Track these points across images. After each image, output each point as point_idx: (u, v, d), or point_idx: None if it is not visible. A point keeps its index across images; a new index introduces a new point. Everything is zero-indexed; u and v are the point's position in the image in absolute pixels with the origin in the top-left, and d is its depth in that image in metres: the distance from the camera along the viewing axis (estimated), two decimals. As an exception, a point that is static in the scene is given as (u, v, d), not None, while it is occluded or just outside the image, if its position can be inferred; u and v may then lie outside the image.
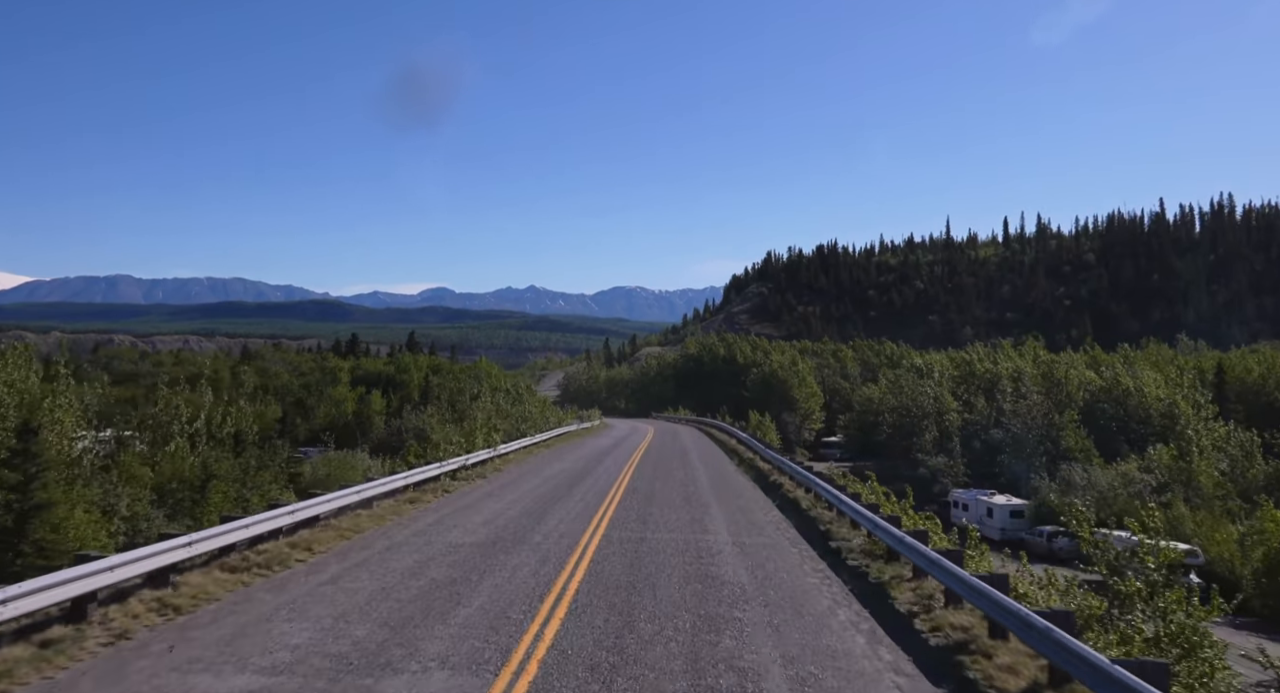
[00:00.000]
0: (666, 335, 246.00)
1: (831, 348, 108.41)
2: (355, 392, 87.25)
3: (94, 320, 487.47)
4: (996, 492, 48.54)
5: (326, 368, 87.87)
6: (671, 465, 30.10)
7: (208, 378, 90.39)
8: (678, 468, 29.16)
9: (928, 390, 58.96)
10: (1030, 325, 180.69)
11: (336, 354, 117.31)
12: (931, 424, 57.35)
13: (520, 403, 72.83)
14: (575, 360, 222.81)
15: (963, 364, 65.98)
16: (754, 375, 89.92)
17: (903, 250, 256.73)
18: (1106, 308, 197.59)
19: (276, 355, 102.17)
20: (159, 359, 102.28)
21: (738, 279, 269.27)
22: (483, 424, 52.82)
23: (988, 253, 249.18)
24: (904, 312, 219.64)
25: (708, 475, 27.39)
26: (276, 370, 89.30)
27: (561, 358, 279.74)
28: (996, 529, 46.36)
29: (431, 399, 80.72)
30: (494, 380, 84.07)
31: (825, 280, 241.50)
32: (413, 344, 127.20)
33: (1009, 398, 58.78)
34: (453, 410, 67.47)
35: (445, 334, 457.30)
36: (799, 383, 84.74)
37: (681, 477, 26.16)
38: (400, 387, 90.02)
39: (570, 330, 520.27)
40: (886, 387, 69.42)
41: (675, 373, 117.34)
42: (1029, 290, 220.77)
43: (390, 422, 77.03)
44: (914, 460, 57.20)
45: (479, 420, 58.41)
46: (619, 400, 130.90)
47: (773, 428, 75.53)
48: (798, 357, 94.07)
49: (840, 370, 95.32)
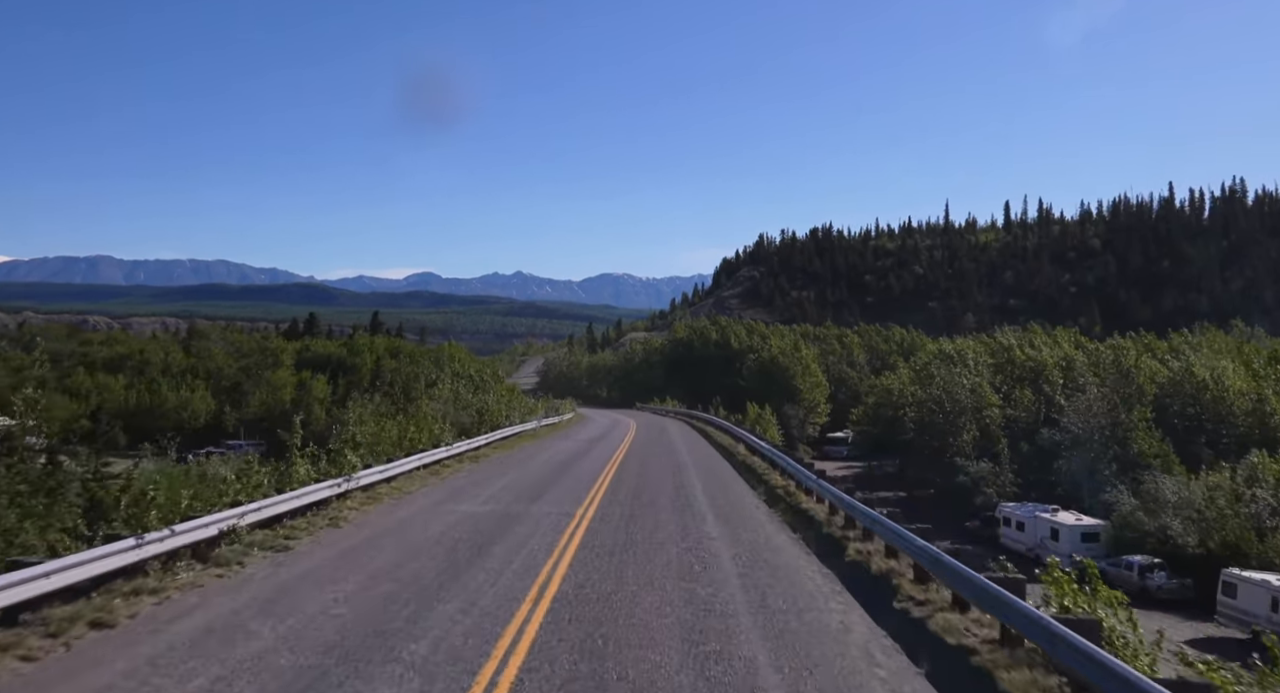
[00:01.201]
0: (654, 321, 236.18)
1: (836, 333, 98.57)
2: (298, 376, 76.97)
3: (73, 301, 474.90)
4: (1060, 508, 38.94)
5: (268, 349, 77.50)
6: (661, 508, 16.34)
7: (135, 360, 79.86)
8: (673, 517, 15.28)
9: (963, 382, 49.31)
10: (1035, 312, 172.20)
11: (289, 336, 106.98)
12: (970, 422, 47.70)
13: (483, 392, 62.59)
14: (557, 346, 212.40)
15: (999, 351, 56.38)
16: (751, 362, 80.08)
17: (900, 234, 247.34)
18: (1115, 295, 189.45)
19: (221, 335, 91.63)
20: (87, 338, 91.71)
21: (728, 262, 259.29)
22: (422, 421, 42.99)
23: (988, 238, 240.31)
24: (903, 297, 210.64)
25: (731, 540, 13.63)
26: (212, 351, 78.92)
27: (544, 343, 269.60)
28: (1064, 556, 36.82)
29: (382, 386, 70.73)
30: (457, 365, 74.08)
31: (820, 264, 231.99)
32: (375, 325, 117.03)
33: (1059, 391, 49.23)
34: (406, 399, 57.57)
35: (430, 319, 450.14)
36: (802, 371, 74.99)
37: (684, 559, 11.90)
38: (352, 371, 79.92)
39: (557, 317, 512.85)
40: (910, 376, 59.73)
41: (663, 359, 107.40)
42: (1033, 277, 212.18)
43: (333, 410, 66.56)
44: (947, 465, 47.59)
45: (422, 414, 48.69)
46: (601, 389, 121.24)
47: (773, 423, 65.95)
48: (800, 342, 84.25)
49: (847, 358, 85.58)
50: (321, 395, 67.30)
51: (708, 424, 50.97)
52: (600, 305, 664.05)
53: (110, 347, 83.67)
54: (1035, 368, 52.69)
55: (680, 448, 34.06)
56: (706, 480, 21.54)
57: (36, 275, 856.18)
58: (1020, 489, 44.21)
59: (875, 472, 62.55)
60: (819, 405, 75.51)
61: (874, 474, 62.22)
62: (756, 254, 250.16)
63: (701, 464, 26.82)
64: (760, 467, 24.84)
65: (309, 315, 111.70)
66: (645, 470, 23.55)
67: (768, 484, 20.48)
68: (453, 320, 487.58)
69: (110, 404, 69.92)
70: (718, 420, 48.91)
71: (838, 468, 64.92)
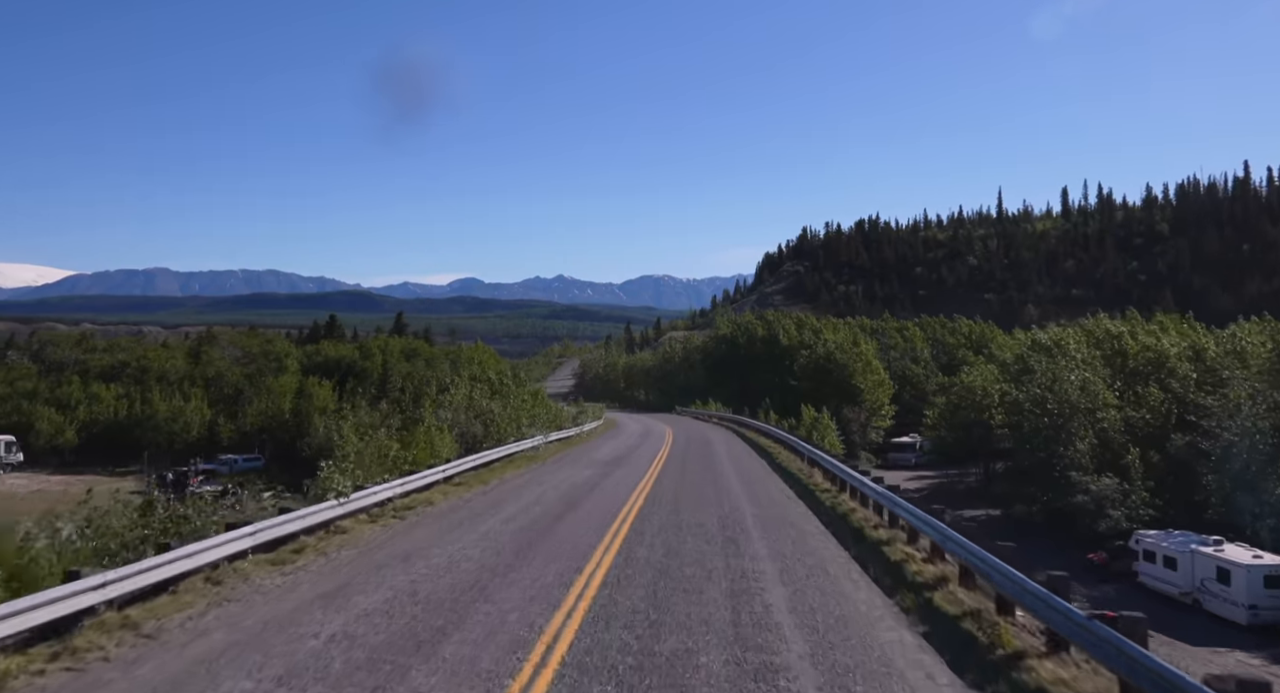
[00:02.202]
0: (694, 319, 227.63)
1: (895, 325, 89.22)
2: (306, 382, 70.10)
3: (131, 313, 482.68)
4: (1223, 539, 30.03)
5: (271, 354, 70.85)
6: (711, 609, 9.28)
7: (133, 368, 73.72)
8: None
9: (1072, 378, 40.34)
10: (1101, 302, 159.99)
11: (310, 340, 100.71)
12: (1086, 426, 38.72)
13: (502, 397, 54.86)
14: (595, 348, 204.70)
15: (1105, 340, 47.14)
16: (804, 360, 71.35)
17: (951, 224, 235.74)
18: (1189, 282, 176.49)
19: (232, 340, 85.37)
20: (92, 345, 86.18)
21: (771, 258, 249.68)
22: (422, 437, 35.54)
23: (1046, 226, 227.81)
24: (957, 289, 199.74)
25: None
26: (214, 357, 72.54)
27: (582, 345, 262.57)
28: (1238, 605, 28.03)
29: (390, 391, 63.61)
30: (475, 367, 66.70)
31: (867, 257, 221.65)
32: (400, 326, 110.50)
33: (1191, 387, 40.07)
34: (415, 406, 50.34)
35: (473, 324, 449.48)
36: (863, 368, 66.12)
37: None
38: (365, 376, 73.04)
39: (598, 319, 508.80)
40: (997, 373, 50.75)
41: (705, 358, 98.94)
42: (1096, 265, 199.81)
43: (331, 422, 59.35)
44: (1056, 479, 38.68)
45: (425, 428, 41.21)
46: (639, 391, 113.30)
47: (832, 428, 57.44)
48: (860, 336, 75.27)
49: (910, 353, 76.39)
50: (324, 403, 60.25)
51: (761, 435, 42.57)
52: (641, 307, 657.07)
53: (112, 354, 77.86)
54: (1155, 360, 43.49)
55: (730, 478, 24.87)
56: (796, 573, 11.40)
57: (99, 288, 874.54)
58: (1158, 512, 35.23)
59: (956, 485, 53.78)
60: (882, 407, 66.61)
61: (955, 488, 53.43)
62: (800, 248, 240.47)
63: (772, 518, 16.39)
64: (875, 532, 15.36)
65: (329, 317, 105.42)
66: (677, 545, 13.16)
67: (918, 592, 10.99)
68: (495, 325, 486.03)
69: (100, 415, 63.81)
70: (775, 431, 40.27)
71: (907, 479, 56.14)
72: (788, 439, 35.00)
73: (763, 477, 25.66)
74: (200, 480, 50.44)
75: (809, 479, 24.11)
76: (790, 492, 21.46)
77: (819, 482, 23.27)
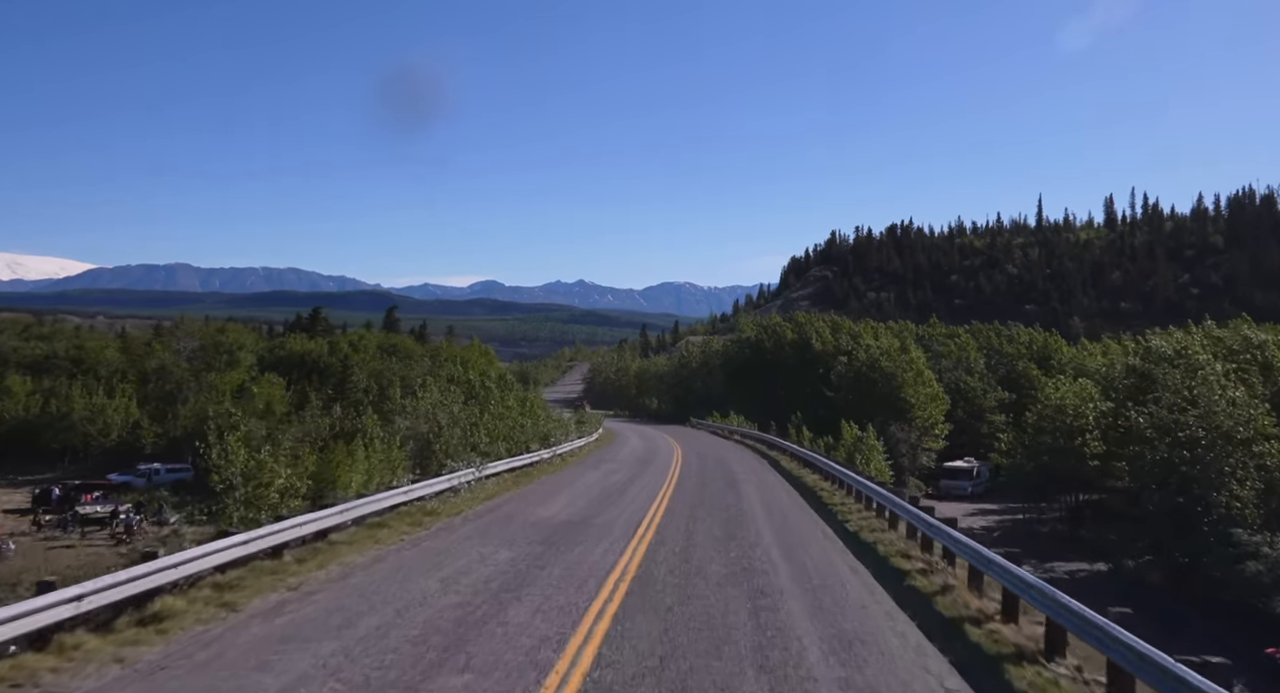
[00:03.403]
0: (714, 324, 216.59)
1: (945, 331, 78.34)
2: (261, 379, 60.49)
3: (151, 307, 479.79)
4: None
5: (220, 345, 61.22)
6: None
7: (61, 359, 64.31)
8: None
9: (1214, 395, 29.71)
10: (1152, 317, 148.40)
11: (283, 332, 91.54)
12: (1244, 464, 28.13)
13: (481, 404, 44.64)
14: (608, 351, 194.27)
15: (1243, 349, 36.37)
16: (843, 368, 60.77)
17: (989, 232, 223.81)
18: (1249, 296, 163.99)
19: (192, 331, 75.84)
20: (41, 334, 77.09)
21: (797, 262, 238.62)
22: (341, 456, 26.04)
23: (1089, 236, 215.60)
24: (995, 299, 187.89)
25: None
26: (153, 348, 62.99)
27: (596, 349, 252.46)
28: None
29: (351, 392, 53.81)
30: (452, 368, 56.64)
31: (899, 263, 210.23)
32: (390, 322, 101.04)
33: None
34: (376, 412, 40.82)
35: (492, 327, 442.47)
36: (914, 379, 55.44)
37: None
38: (329, 374, 63.42)
39: (617, 325, 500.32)
40: (1093, 389, 39.89)
41: (726, 363, 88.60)
42: (1145, 277, 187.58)
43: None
44: (1203, 533, 28.09)
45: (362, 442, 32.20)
46: (651, 398, 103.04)
47: (879, 450, 46.95)
48: (909, 341, 64.51)
49: (964, 363, 65.58)
50: (267, 404, 50.42)
51: (806, 467, 31.85)
52: (661, 313, 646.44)
53: (49, 343, 68.67)
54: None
55: (796, 615, 9.76)
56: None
57: (120, 282, 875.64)
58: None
59: (1036, 526, 43.05)
60: (935, 425, 55.88)
61: (1035, 530, 42.70)
62: (828, 253, 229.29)
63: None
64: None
65: (312, 311, 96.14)
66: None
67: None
68: (514, 328, 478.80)
69: (7, 412, 54.42)
70: (834, 467, 27.78)
71: (967, 513, 45.42)
72: (831, 467, 24.17)
73: (857, 591, 11.51)
74: (94, 498, 40.78)
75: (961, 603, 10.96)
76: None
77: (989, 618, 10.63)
